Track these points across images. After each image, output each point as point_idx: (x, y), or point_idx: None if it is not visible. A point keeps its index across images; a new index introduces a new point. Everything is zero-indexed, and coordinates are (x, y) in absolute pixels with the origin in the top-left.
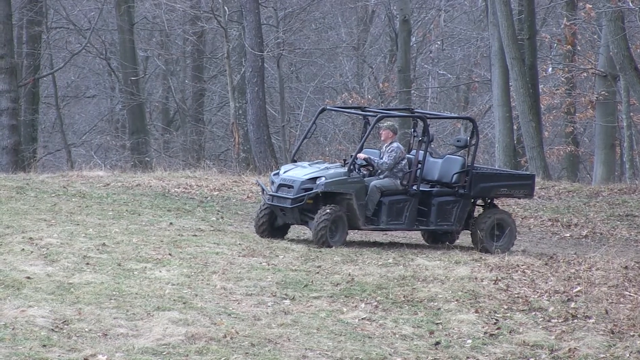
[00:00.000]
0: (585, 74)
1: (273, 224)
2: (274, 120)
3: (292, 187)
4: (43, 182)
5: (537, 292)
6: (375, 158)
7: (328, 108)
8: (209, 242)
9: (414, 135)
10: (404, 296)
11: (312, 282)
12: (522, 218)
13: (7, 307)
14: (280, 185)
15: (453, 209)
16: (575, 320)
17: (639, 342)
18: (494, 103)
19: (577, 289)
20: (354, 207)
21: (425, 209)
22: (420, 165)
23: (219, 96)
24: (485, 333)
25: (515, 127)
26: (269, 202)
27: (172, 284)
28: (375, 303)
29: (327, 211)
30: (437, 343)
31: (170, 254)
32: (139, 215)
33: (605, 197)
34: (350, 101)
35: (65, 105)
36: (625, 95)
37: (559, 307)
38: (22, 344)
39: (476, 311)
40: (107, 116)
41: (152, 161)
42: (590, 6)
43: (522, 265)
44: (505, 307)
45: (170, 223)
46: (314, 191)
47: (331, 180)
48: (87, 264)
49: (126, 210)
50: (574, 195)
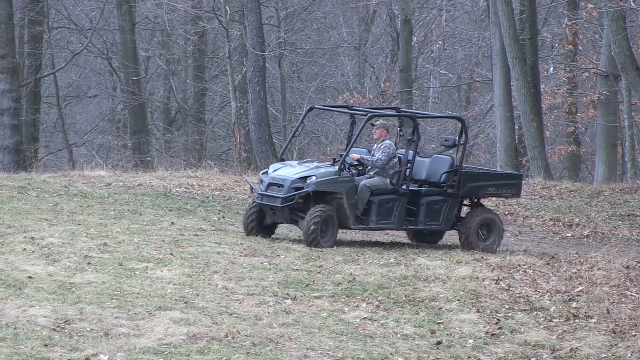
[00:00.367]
0: (587, 74)
1: (261, 223)
2: (275, 120)
3: (282, 186)
4: (44, 182)
5: (539, 291)
6: (368, 157)
7: (316, 107)
8: (210, 241)
9: (400, 134)
10: (405, 296)
11: (313, 281)
12: (523, 218)
13: (8, 306)
14: (270, 184)
15: (442, 208)
16: (577, 320)
17: None
18: (495, 103)
19: (578, 289)
20: (345, 207)
21: (414, 208)
22: (409, 165)
23: (220, 96)
24: (486, 333)
25: (516, 127)
26: (259, 201)
27: (174, 284)
28: (377, 303)
29: (319, 211)
30: (439, 343)
31: (171, 254)
32: (141, 215)
33: (606, 196)
34: (351, 101)
35: (67, 105)
36: (626, 95)
37: (560, 307)
38: (23, 344)
39: (477, 311)
40: (108, 116)
41: (153, 161)
42: (592, 6)
43: (523, 265)
44: (507, 306)
45: (172, 223)
46: (304, 190)
47: (322, 179)
48: (89, 263)
49: (128, 210)
50: (575, 195)
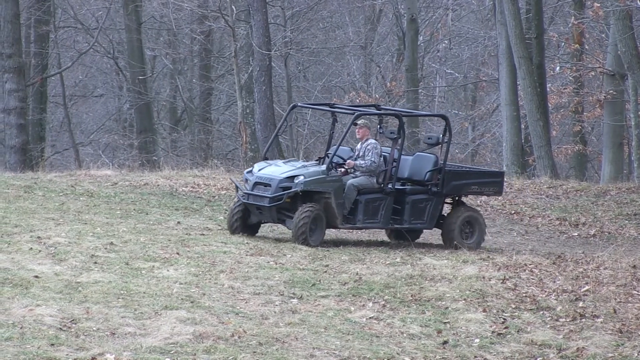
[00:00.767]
0: (593, 73)
1: (246, 222)
2: (281, 119)
3: (269, 185)
4: (51, 181)
5: (545, 291)
6: (362, 161)
7: (299, 105)
8: (216, 241)
9: (379, 132)
10: (411, 295)
11: (319, 281)
12: (530, 217)
13: (15, 306)
14: (256, 184)
15: (426, 207)
16: (583, 320)
17: None
18: (501, 102)
19: (585, 288)
20: (332, 206)
21: (398, 207)
22: (395, 164)
23: (226, 95)
24: (493, 332)
25: (522, 126)
26: (245, 201)
27: (180, 283)
28: (383, 302)
29: (307, 210)
30: (445, 342)
31: (178, 253)
32: (147, 214)
33: (613, 196)
34: (357, 100)
35: (73, 105)
36: (633, 94)
37: (567, 307)
38: (30, 343)
39: (484, 310)
40: (114, 115)
41: (159, 160)
42: (599, 5)
43: (530, 265)
44: (513, 306)
45: (178, 222)
46: (293, 190)
47: (310, 179)
48: (95, 263)
49: (134, 209)
50: (581, 194)
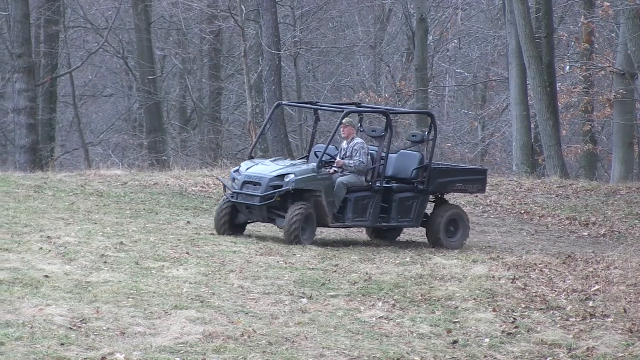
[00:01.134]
0: (603, 72)
1: (233, 221)
2: (291, 119)
3: (259, 184)
4: (61, 181)
5: (555, 290)
6: (351, 161)
7: (283, 103)
8: (226, 240)
9: (360, 130)
10: (421, 295)
11: (329, 280)
12: (539, 217)
13: (25, 305)
14: (245, 182)
15: (412, 205)
16: (593, 319)
17: None
18: (511, 101)
19: (595, 288)
20: (323, 204)
21: (385, 205)
22: (383, 161)
23: (236, 95)
24: (502, 332)
25: (532, 126)
26: (234, 200)
27: (190, 283)
28: (393, 302)
29: (300, 208)
30: (455, 342)
31: (187, 253)
32: (157, 214)
33: (623, 195)
34: (367, 100)
35: (83, 104)
36: None
37: (577, 306)
38: (40, 343)
39: (494, 310)
40: (124, 115)
41: (169, 160)
42: (608, 4)
43: (539, 264)
44: (523, 305)
45: (188, 222)
46: (285, 188)
47: (301, 177)
48: (105, 262)
49: (143, 209)
50: (591, 193)
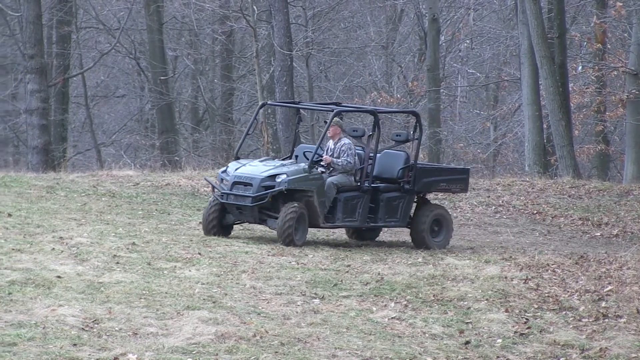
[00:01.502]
0: (616, 73)
1: (221, 222)
2: (303, 119)
3: (250, 184)
4: (73, 182)
5: (568, 291)
6: (338, 160)
7: (268, 103)
8: (238, 241)
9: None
10: (433, 295)
11: (341, 281)
12: (552, 217)
13: (37, 306)
14: (235, 183)
15: (399, 204)
16: (606, 320)
17: None
18: (523, 102)
19: (608, 288)
20: (315, 205)
21: (372, 205)
22: (371, 161)
23: (248, 95)
24: (515, 332)
25: (545, 126)
26: (224, 201)
27: (202, 283)
28: (405, 302)
29: (293, 209)
30: (467, 342)
31: (199, 253)
32: (169, 214)
33: (636, 195)
34: (379, 100)
35: (95, 105)
36: None
37: (589, 307)
38: (52, 343)
39: (506, 310)
40: (136, 116)
41: (181, 160)
42: (621, 4)
43: (552, 265)
44: (536, 306)
45: (200, 222)
46: (277, 189)
47: (293, 177)
48: (117, 263)
49: (156, 210)
50: (604, 194)
